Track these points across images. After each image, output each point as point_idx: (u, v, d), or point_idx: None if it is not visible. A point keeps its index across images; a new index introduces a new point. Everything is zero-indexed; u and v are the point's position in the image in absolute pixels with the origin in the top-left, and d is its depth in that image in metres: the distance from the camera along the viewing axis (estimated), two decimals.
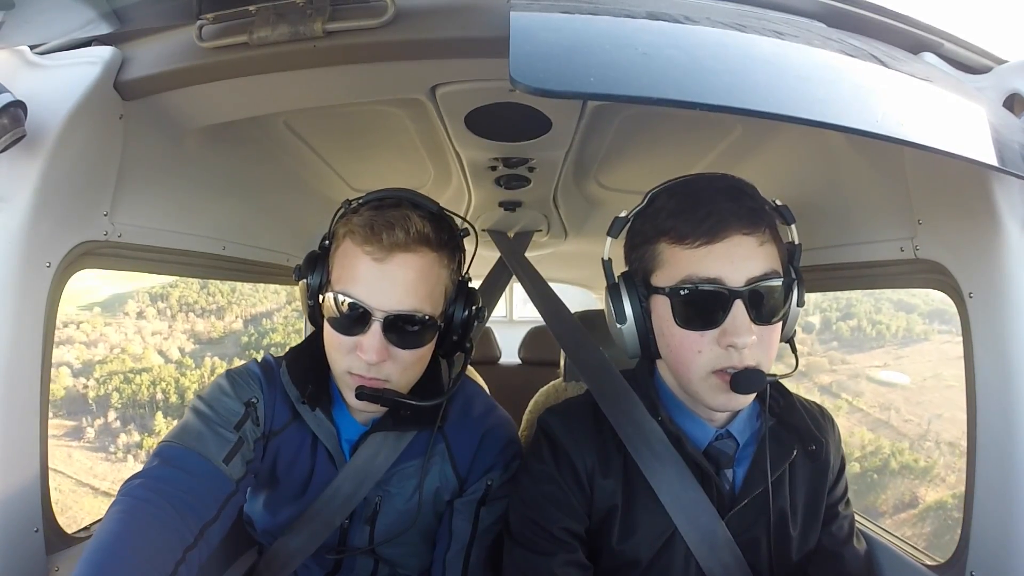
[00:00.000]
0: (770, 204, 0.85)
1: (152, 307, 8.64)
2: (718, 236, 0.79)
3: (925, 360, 7.85)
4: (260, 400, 0.96)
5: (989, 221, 0.77)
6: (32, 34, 0.84)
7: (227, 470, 0.86)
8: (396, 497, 1.00)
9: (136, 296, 8.75)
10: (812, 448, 0.92)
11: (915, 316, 8.18)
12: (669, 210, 0.83)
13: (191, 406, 0.93)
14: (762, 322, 0.81)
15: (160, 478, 0.81)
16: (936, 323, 8.04)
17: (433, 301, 0.89)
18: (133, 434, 7.87)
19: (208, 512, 0.82)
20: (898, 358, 7.85)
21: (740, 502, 0.89)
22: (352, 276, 0.86)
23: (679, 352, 0.84)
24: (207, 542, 0.81)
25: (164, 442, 0.87)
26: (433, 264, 0.88)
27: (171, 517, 0.77)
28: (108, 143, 0.93)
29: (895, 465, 7.08)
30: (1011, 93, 0.80)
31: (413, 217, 0.86)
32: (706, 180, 0.86)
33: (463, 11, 0.81)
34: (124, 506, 0.77)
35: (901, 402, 7.26)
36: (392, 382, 0.90)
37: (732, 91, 0.59)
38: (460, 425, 1.03)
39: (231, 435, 0.89)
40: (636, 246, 0.89)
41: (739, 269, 0.79)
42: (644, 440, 0.91)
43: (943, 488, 6.70)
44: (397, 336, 0.87)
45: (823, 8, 0.87)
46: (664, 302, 0.84)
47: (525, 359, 3.20)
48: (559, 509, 0.90)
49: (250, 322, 9.13)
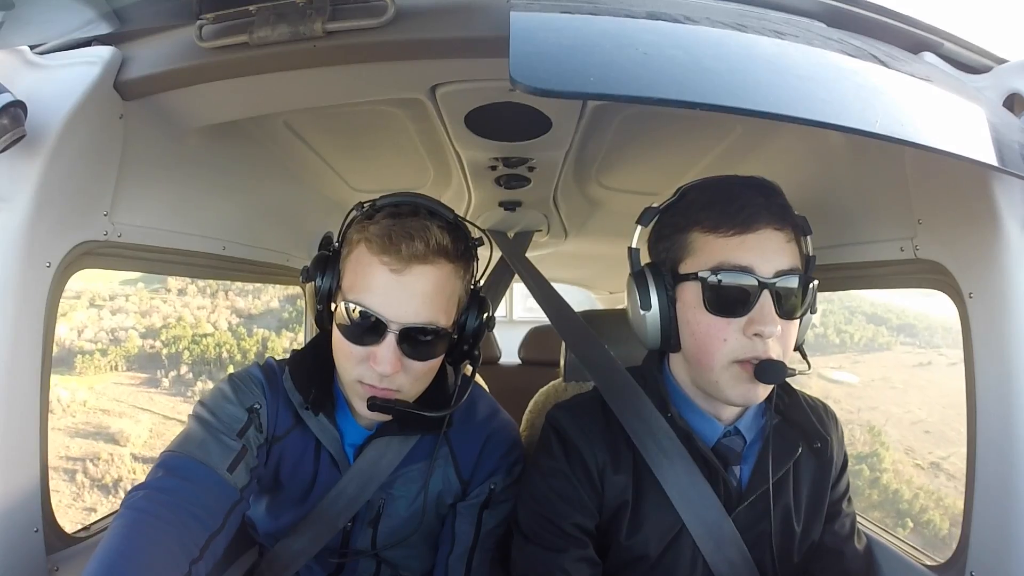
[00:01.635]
0: (792, 211, 0.87)
1: (192, 285, 9.08)
2: (751, 227, 0.82)
3: (880, 365, 8.42)
4: (263, 406, 0.94)
5: (989, 221, 0.77)
6: (32, 34, 0.84)
7: (231, 479, 0.84)
8: (399, 500, 0.99)
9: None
10: (817, 445, 0.93)
11: (883, 328, 8.67)
12: (702, 202, 0.86)
13: (194, 413, 0.91)
14: (785, 316, 0.83)
15: (164, 489, 0.79)
16: (902, 336, 8.64)
17: (448, 313, 0.88)
18: (207, 383, 8.45)
19: (214, 523, 0.80)
20: (855, 362, 8.42)
21: (747, 499, 0.90)
22: (367, 285, 0.84)
23: (704, 339, 0.85)
24: (212, 553, 0.79)
25: (167, 451, 0.86)
26: (450, 276, 0.87)
27: (176, 530, 0.75)
28: (108, 143, 0.93)
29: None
30: (1011, 93, 0.80)
31: (432, 228, 0.84)
32: (738, 178, 0.88)
33: (463, 11, 0.81)
34: (128, 519, 0.75)
35: (842, 396, 7.72)
36: (403, 392, 0.89)
37: (732, 91, 0.59)
38: (463, 429, 1.02)
39: (235, 443, 0.87)
40: (665, 236, 0.90)
41: (769, 261, 0.82)
42: (652, 436, 0.91)
43: (854, 462, 7.51)
44: (411, 347, 0.85)
45: (823, 8, 0.87)
46: (694, 288, 0.84)
47: (525, 359, 3.20)
48: (570, 505, 0.90)
49: (286, 301, 9.51)
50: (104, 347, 8.51)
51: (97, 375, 8.37)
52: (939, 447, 7.12)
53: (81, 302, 8.53)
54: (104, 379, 8.55)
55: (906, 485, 6.94)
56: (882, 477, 7.07)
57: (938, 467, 7.06)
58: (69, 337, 8.47)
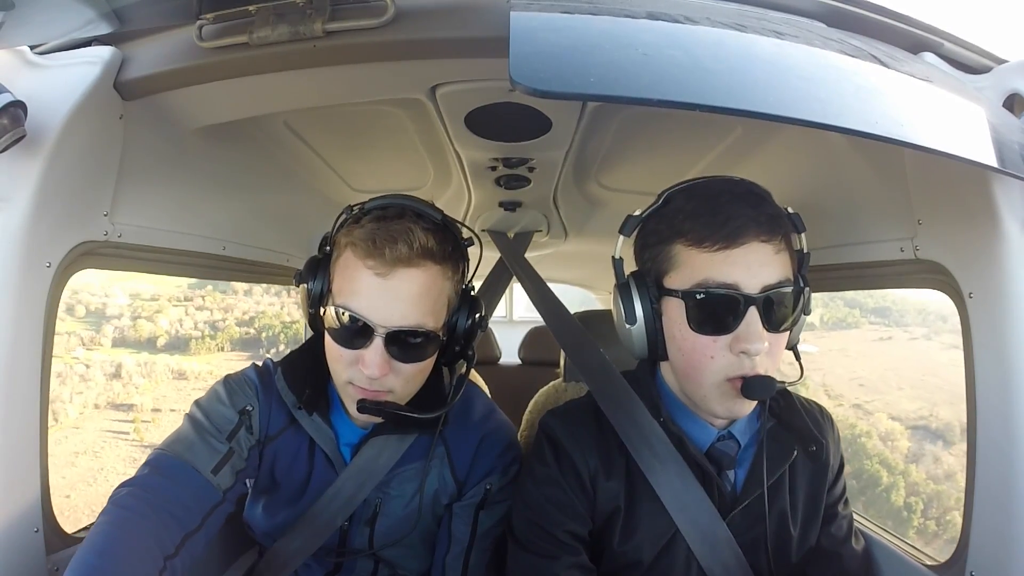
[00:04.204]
0: (784, 212, 0.85)
1: (257, 287, 10.74)
2: (736, 241, 0.79)
3: (842, 339, 9.81)
4: (255, 408, 0.96)
5: (989, 221, 0.77)
6: (32, 34, 0.84)
7: (215, 480, 0.87)
8: (396, 500, 1.00)
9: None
10: (813, 449, 0.92)
11: (856, 311, 10.07)
12: (687, 212, 0.82)
13: (189, 413, 0.94)
14: (773, 329, 0.81)
15: (146, 487, 0.83)
16: (872, 316, 10.20)
17: (436, 315, 0.89)
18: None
19: (191, 522, 0.83)
20: (820, 337, 9.43)
21: (741, 503, 0.89)
22: (353, 290, 0.85)
23: (691, 356, 0.83)
24: (188, 551, 0.82)
25: (158, 449, 0.89)
26: (436, 278, 0.87)
27: (154, 526, 0.79)
28: (108, 143, 0.93)
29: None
30: (1011, 93, 0.80)
31: (416, 230, 0.84)
32: (725, 184, 0.85)
33: (463, 11, 0.81)
34: (111, 516, 0.79)
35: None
36: (394, 394, 0.90)
37: (732, 92, 0.59)
38: (459, 429, 1.02)
39: (222, 446, 0.90)
40: (649, 246, 0.87)
41: (755, 276, 0.79)
42: (645, 441, 0.91)
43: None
44: (399, 350, 0.86)
45: (823, 8, 0.87)
46: (677, 305, 0.83)
47: (525, 359, 3.20)
48: (562, 512, 0.90)
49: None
50: (210, 333, 11.53)
51: (208, 354, 11.12)
52: (866, 395, 8.95)
53: (161, 303, 11.72)
54: (215, 357, 11.08)
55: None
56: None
57: (859, 408, 8.76)
58: (175, 327, 11.96)
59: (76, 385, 11.77)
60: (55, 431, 11.39)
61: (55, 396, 8.15)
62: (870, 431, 8.67)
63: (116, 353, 12.67)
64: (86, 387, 11.86)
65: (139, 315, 12.90)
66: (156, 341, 13.09)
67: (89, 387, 11.85)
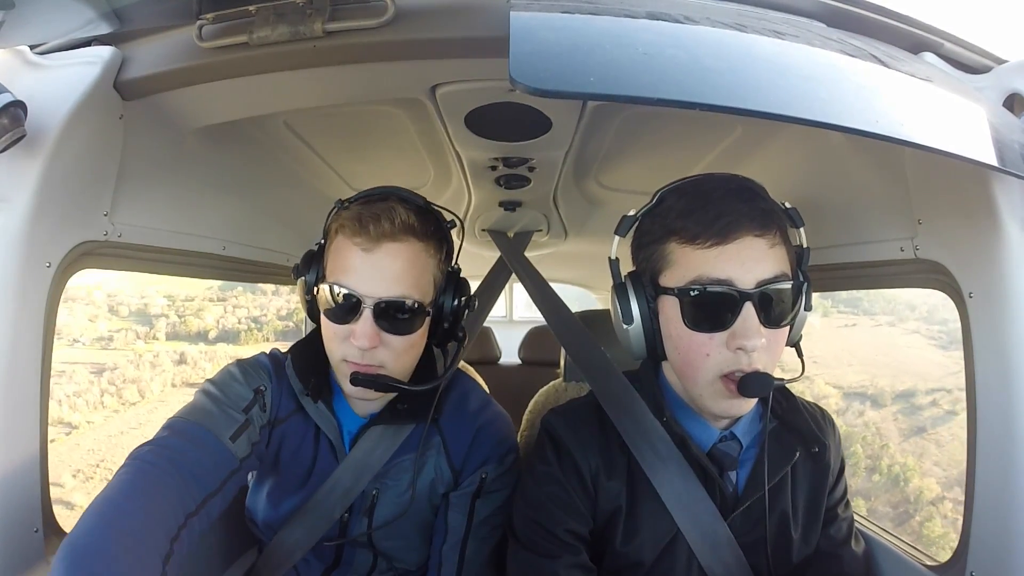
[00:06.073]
0: (780, 207, 0.84)
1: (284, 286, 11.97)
2: (729, 237, 0.78)
3: (808, 325, 10.62)
4: (268, 388, 0.99)
5: (989, 221, 0.77)
6: (32, 34, 0.84)
7: (233, 447, 0.89)
8: (392, 490, 1.01)
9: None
10: (815, 450, 0.92)
11: (828, 301, 10.93)
12: (679, 210, 0.82)
13: (201, 389, 0.95)
14: (771, 325, 0.80)
15: (168, 446, 0.83)
16: (842, 306, 11.35)
17: (421, 288, 0.92)
18: None
19: (212, 484, 0.85)
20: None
21: (743, 504, 0.89)
22: (343, 267, 0.89)
23: (687, 354, 0.83)
24: (207, 512, 0.83)
25: (174, 417, 0.90)
26: (420, 253, 0.91)
27: (176, 482, 0.80)
28: (108, 143, 0.93)
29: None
30: (1011, 93, 0.80)
31: (399, 208, 0.90)
32: (717, 180, 0.84)
33: (463, 11, 0.81)
34: (132, 468, 0.79)
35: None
36: (387, 368, 0.92)
37: (732, 91, 0.59)
38: (455, 419, 1.04)
39: (239, 416, 0.92)
40: (644, 245, 0.87)
41: (750, 271, 0.78)
42: (647, 440, 0.91)
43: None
44: (388, 322, 0.89)
45: (823, 8, 0.87)
46: (673, 303, 0.83)
47: (525, 359, 3.20)
48: (563, 511, 0.90)
49: None
50: (256, 327, 13.10)
51: (256, 344, 11.60)
52: (816, 369, 9.26)
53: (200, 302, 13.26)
54: (264, 346, 11.73)
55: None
56: None
57: (805, 378, 9.98)
58: (220, 322, 13.75)
59: (148, 371, 14.05)
60: (145, 405, 11.73)
61: (139, 376, 8.98)
62: (804, 391, 9.10)
63: (174, 345, 14.91)
64: (158, 372, 14.18)
65: (184, 313, 15.09)
66: (207, 334, 15.06)
67: (160, 372, 14.09)
